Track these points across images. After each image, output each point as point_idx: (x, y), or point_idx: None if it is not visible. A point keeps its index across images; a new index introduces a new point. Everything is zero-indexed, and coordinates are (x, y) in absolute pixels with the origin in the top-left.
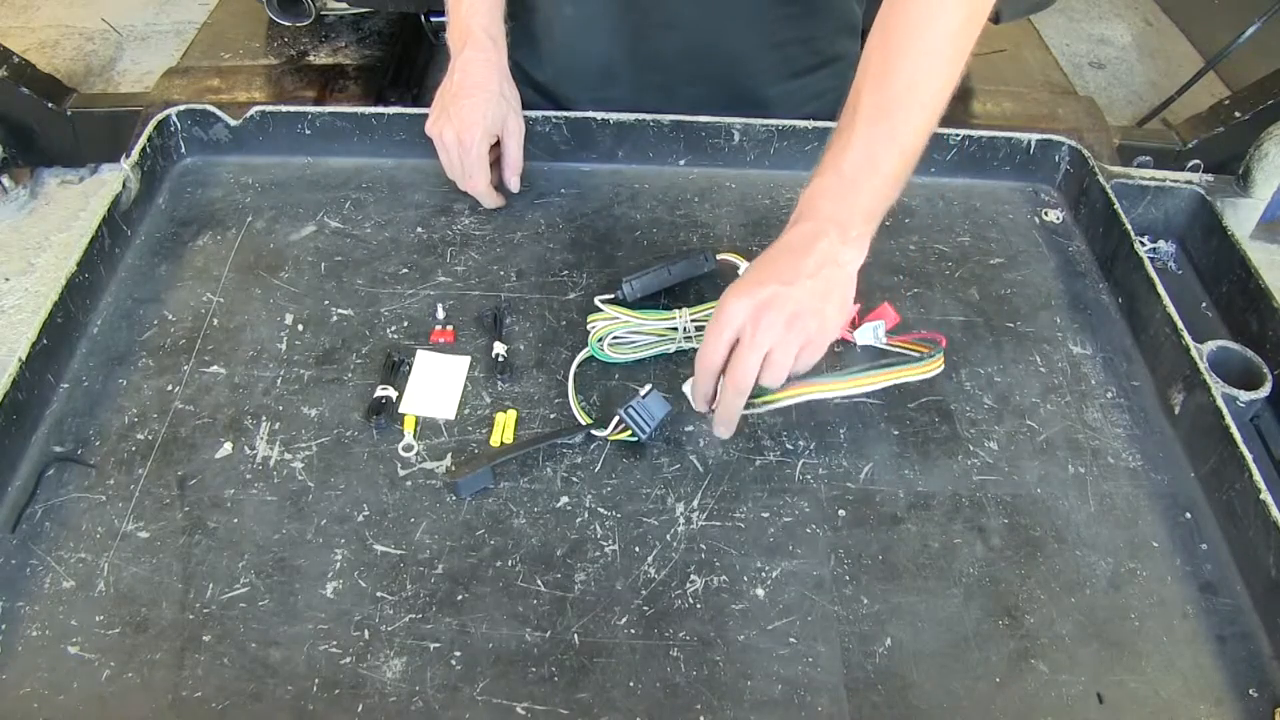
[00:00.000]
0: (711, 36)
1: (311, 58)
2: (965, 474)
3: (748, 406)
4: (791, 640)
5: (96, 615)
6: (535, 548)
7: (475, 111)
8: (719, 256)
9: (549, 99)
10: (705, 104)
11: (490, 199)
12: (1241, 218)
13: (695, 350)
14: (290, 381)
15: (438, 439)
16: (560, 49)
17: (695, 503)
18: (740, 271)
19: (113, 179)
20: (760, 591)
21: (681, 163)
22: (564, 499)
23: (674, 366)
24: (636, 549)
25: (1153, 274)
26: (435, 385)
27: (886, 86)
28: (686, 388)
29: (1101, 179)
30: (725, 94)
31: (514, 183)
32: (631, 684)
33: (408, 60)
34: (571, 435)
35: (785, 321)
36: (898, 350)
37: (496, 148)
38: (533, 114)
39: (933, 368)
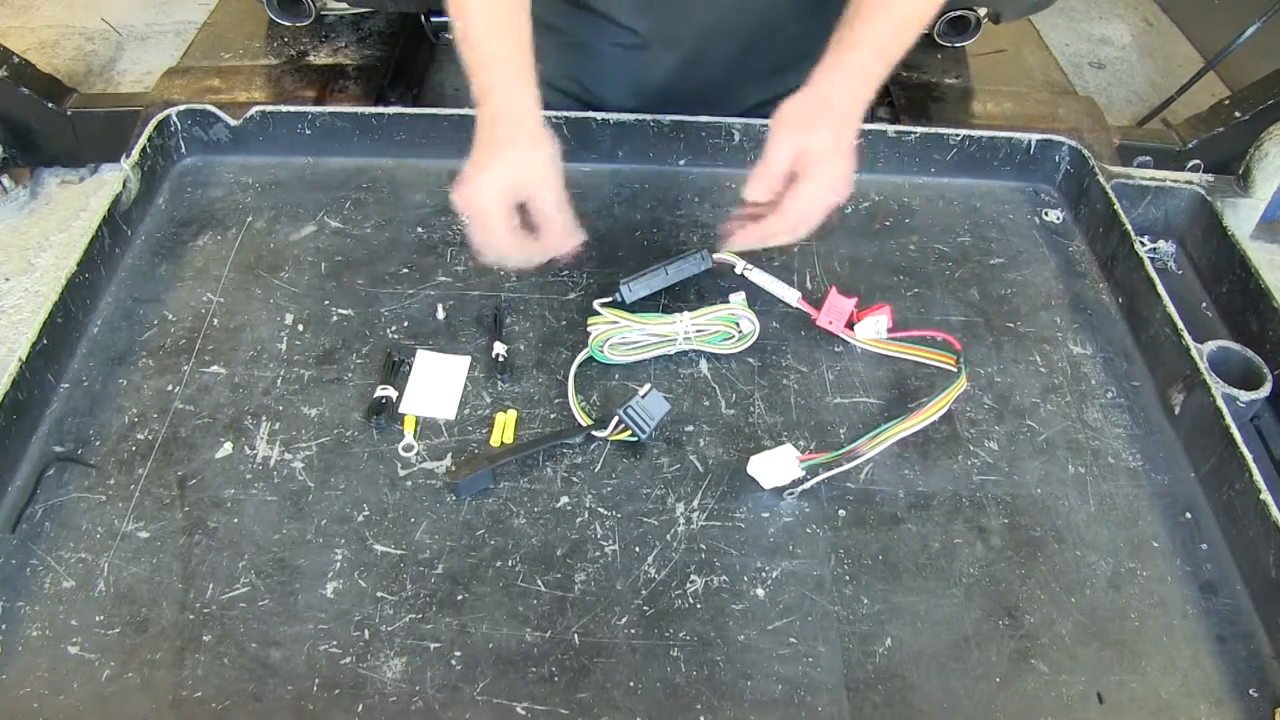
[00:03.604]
0: (768, 26)
1: (311, 58)
2: (965, 474)
3: (833, 465)
4: (791, 640)
5: (96, 615)
6: (535, 548)
7: (482, 170)
8: (715, 256)
9: (573, 91)
10: (755, 103)
11: (529, 254)
12: (1241, 218)
13: (695, 353)
14: (290, 381)
15: (438, 439)
16: (619, 76)
17: (695, 503)
18: (737, 270)
19: (113, 179)
20: (760, 591)
21: (681, 163)
22: (564, 499)
23: (674, 366)
24: (636, 549)
25: (1153, 274)
26: (435, 385)
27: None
28: (752, 469)
29: (1101, 179)
30: (775, 87)
31: (560, 245)
32: (631, 684)
33: (408, 60)
34: (571, 437)
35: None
36: (903, 355)
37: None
38: None
39: (963, 383)
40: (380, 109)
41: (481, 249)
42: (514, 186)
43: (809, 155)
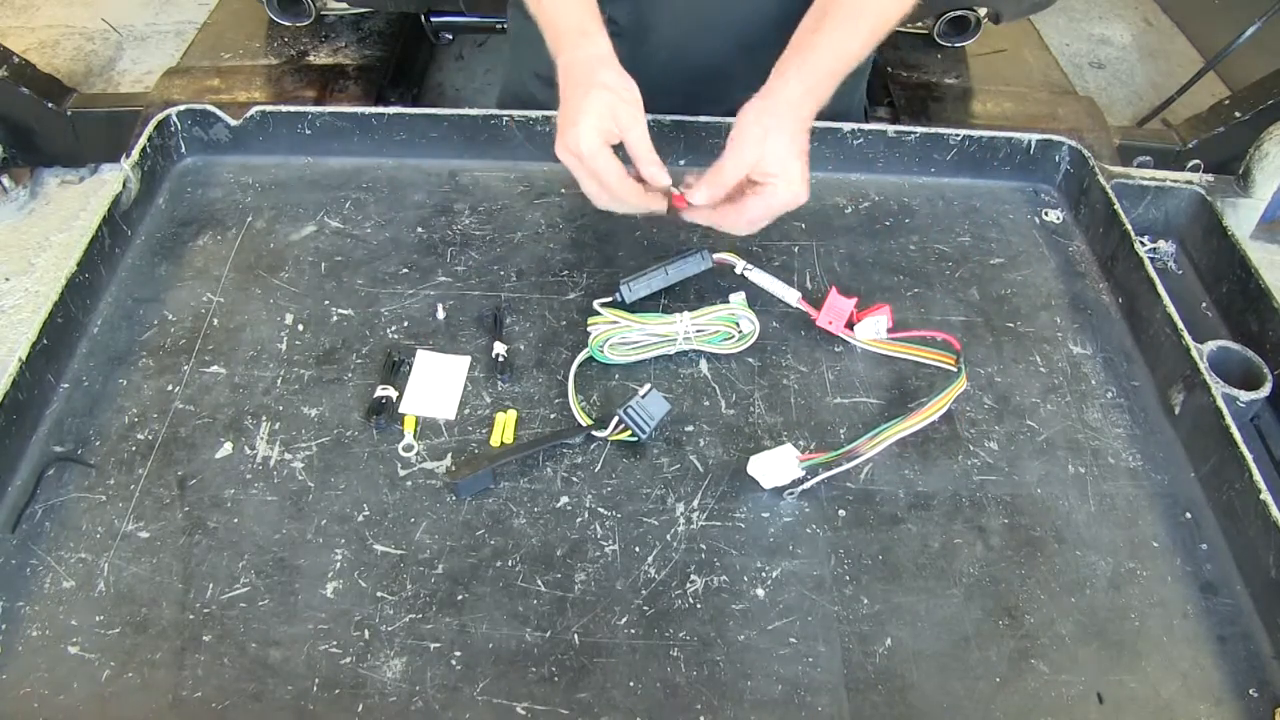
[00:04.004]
0: (763, 28)
1: (311, 58)
2: (965, 474)
3: (833, 464)
4: (791, 640)
5: (96, 615)
6: (535, 548)
7: (574, 115)
8: (715, 256)
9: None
10: (731, 69)
11: (642, 201)
12: (1241, 218)
13: (695, 353)
14: (290, 381)
15: (438, 439)
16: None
17: (695, 503)
18: (737, 270)
19: (113, 179)
20: (760, 591)
21: (681, 163)
22: (564, 499)
23: (674, 366)
24: (636, 549)
25: (1153, 274)
26: (435, 385)
27: None
28: (752, 469)
29: (1101, 179)
30: (752, 62)
31: (656, 175)
32: (631, 684)
33: (408, 60)
34: (572, 437)
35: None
36: (903, 355)
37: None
38: (532, 114)
39: (962, 383)
40: (380, 109)
41: (594, 197)
42: (606, 128)
43: (766, 162)
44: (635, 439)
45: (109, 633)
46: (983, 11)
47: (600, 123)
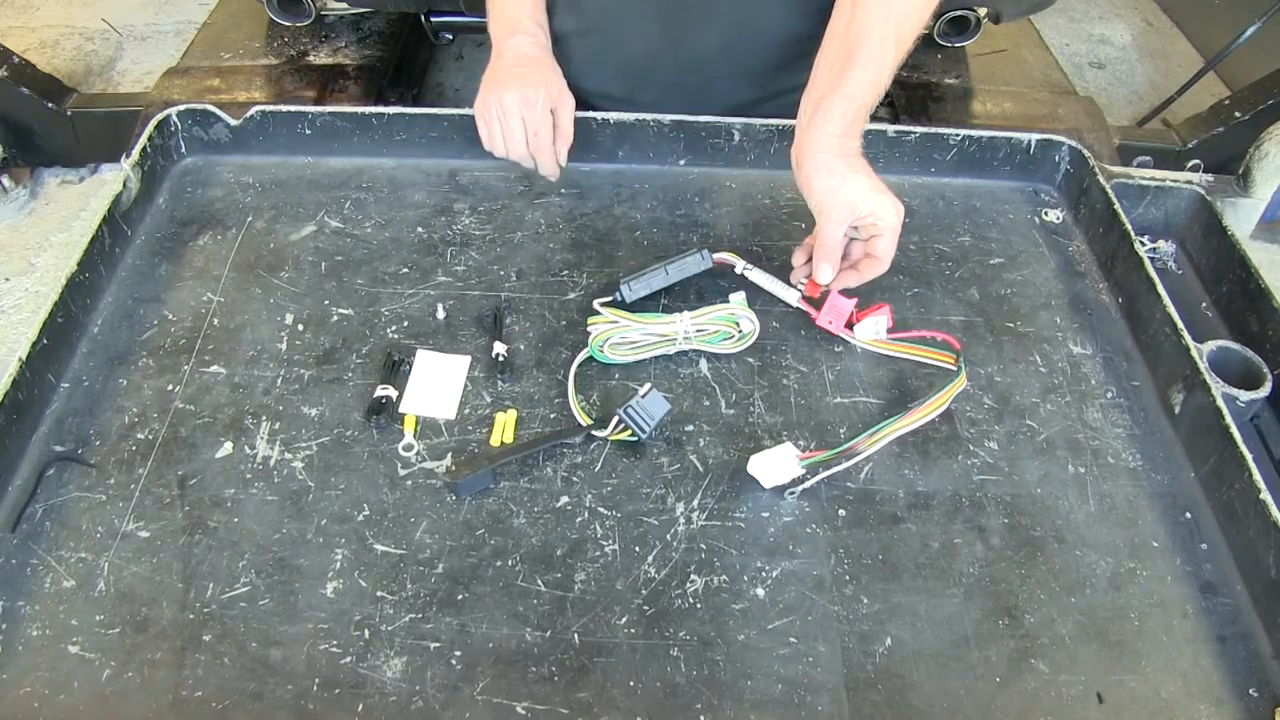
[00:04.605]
0: (751, 26)
1: (311, 58)
2: (965, 474)
3: (833, 463)
4: (791, 640)
5: (96, 615)
6: (535, 548)
7: (535, 75)
8: (715, 256)
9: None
10: (741, 100)
11: (554, 165)
12: (1241, 218)
13: (695, 353)
14: (290, 381)
15: (438, 439)
16: (594, 55)
17: (695, 503)
18: (737, 270)
19: (113, 179)
20: (760, 591)
21: (681, 163)
22: (564, 499)
23: (674, 365)
24: (636, 549)
25: (1153, 274)
26: (435, 385)
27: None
28: (752, 468)
29: (1101, 179)
30: (763, 88)
31: (563, 155)
32: (631, 684)
33: (408, 60)
34: (572, 436)
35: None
36: (903, 355)
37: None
38: None
39: (962, 381)
40: (380, 109)
41: (492, 142)
42: (530, 96)
43: (859, 209)
44: (635, 439)
45: (109, 632)
46: (983, 11)
47: (551, 93)
